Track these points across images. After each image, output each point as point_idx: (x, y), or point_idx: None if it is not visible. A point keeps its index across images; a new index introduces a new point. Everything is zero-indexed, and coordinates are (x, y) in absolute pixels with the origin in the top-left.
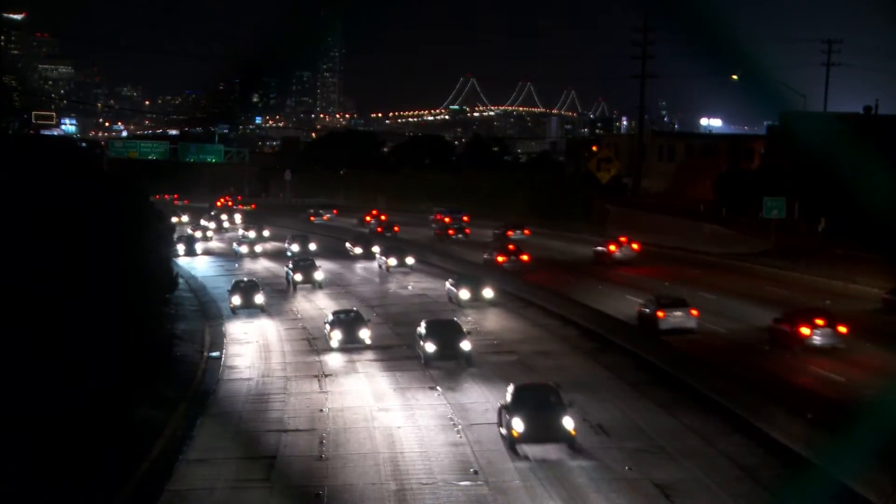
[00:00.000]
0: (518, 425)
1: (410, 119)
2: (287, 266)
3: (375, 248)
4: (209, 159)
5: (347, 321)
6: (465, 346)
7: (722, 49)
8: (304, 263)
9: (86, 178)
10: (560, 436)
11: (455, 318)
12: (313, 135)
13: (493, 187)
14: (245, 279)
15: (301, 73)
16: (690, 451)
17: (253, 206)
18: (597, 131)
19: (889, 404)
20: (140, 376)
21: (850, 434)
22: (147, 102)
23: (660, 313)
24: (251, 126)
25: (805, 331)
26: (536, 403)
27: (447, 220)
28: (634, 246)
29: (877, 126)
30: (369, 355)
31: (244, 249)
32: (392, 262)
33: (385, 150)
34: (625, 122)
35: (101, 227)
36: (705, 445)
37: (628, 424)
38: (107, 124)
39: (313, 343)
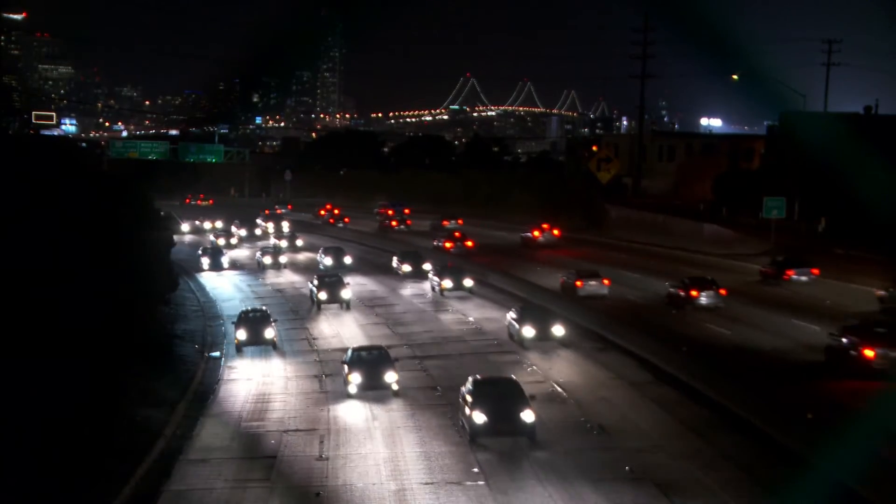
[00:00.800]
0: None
1: (410, 119)
2: (311, 282)
3: (428, 266)
4: (209, 159)
5: (370, 360)
6: (529, 417)
7: (722, 49)
8: (331, 280)
9: (85, 179)
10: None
11: (513, 377)
12: (313, 135)
13: (493, 187)
14: (253, 308)
15: (301, 73)
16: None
17: (290, 206)
18: (597, 131)
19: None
20: (140, 376)
21: (850, 434)
22: (147, 102)
23: (578, 283)
24: (251, 126)
25: (694, 293)
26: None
27: (390, 212)
28: (556, 232)
29: (877, 126)
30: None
31: (268, 260)
32: (447, 283)
33: (385, 150)
34: (625, 122)
35: (101, 228)
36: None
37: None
38: (107, 124)
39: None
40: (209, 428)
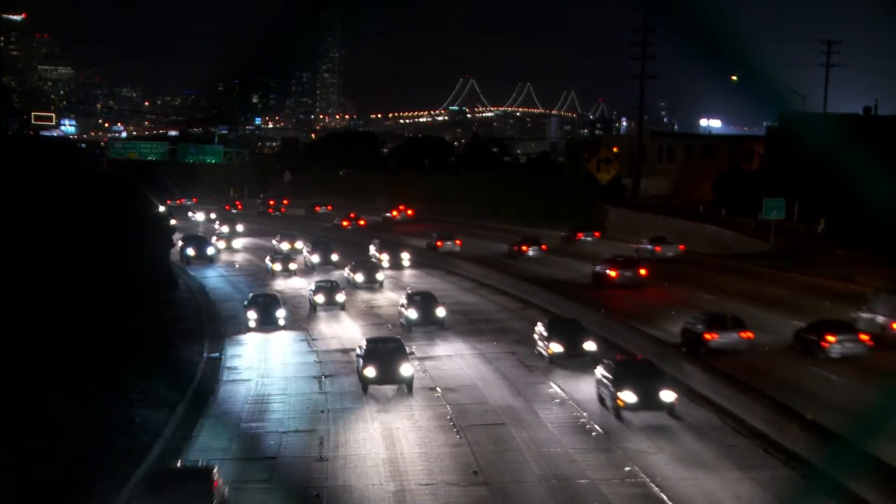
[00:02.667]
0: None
1: (410, 120)
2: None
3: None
4: (209, 160)
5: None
6: None
7: (722, 50)
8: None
9: (84, 180)
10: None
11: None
12: (313, 136)
13: (493, 188)
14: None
15: (301, 73)
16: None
17: (324, 207)
18: (596, 132)
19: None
20: (139, 377)
21: (850, 435)
22: (146, 103)
23: (524, 247)
24: (251, 127)
25: (612, 273)
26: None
27: (329, 207)
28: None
29: (876, 126)
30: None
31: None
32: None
33: (384, 150)
34: (624, 123)
35: (100, 228)
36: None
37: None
38: (106, 125)
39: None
40: (209, 429)
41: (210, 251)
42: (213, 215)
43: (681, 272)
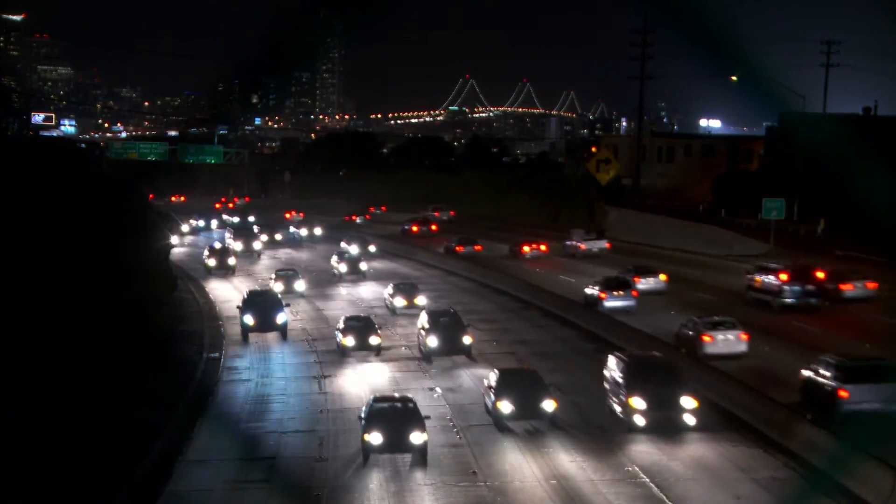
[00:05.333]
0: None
1: (410, 120)
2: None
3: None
4: (208, 160)
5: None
6: None
7: (721, 50)
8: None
9: (84, 180)
10: None
11: None
12: (312, 136)
13: (493, 188)
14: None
15: (300, 74)
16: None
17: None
18: (596, 132)
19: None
20: (139, 377)
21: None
22: (146, 103)
23: (458, 248)
24: (250, 127)
25: (526, 248)
26: None
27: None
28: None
29: (876, 127)
30: None
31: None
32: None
33: (384, 151)
34: (624, 124)
35: (100, 229)
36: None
37: None
38: (106, 125)
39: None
40: (208, 429)
41: (281, 319)
42: (317, 230)
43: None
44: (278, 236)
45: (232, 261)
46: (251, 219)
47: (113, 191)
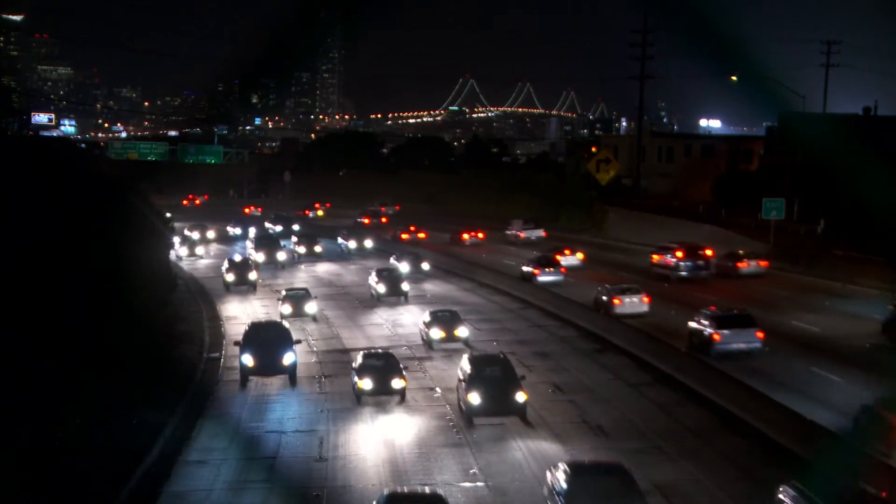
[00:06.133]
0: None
1: (410, 120)
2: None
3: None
4: (208, 160)
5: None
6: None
7: (721, 50)
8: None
9: (84, 181)
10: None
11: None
12: (312, 136)
13: (493, 188)
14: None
15: (300, 74)
16: None
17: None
18: (596, 132)
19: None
20: (139, 377)
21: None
22: (146, 103)
23: (403, 235)
24: (250, 127)
25: (465, 236)
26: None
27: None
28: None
29: (876, 127)
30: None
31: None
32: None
33: (384, 151)
34: (624, 123)
35: (100, 229)
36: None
37: None
38: (106, 125)
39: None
40: (208, 429)
41: (288, 359)
42: (368, 242)
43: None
44: (318, 248)
45: (253, 275)
46: (296, 227)
47: (113, 191)
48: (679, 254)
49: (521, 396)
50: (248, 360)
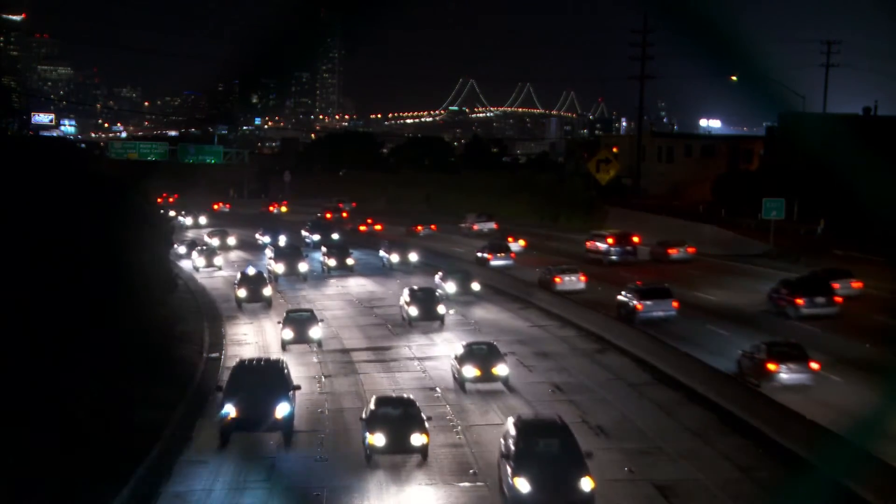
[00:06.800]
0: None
1: (410, 120)
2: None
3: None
4: (208, 160)
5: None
6: None
7: (721, 50)
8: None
9: (84, 181)
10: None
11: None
12: (312, 136)
13: (493, 188)
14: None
15: (300, 74)
16: None
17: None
18: (596, 132)
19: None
20: (139, 377)
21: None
22: (146, 103)
23: (361, 227)
24: (250, 127)
25: (420, 228)
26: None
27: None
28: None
29: (876, 127)
30: None
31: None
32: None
33: (384, 151)
34: (624, 123)
35: (99, 229)
36: None
37: None
38: (106, 125)
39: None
40: (208, 429)
41: (281, 411)
42: (412, 256)
43: None
44: (350, 261)
45: (268, 291)
46: (335, 236)
47: (113, 191)
48: (610, 240)
49: (587, 484)
50: (230, 409)
